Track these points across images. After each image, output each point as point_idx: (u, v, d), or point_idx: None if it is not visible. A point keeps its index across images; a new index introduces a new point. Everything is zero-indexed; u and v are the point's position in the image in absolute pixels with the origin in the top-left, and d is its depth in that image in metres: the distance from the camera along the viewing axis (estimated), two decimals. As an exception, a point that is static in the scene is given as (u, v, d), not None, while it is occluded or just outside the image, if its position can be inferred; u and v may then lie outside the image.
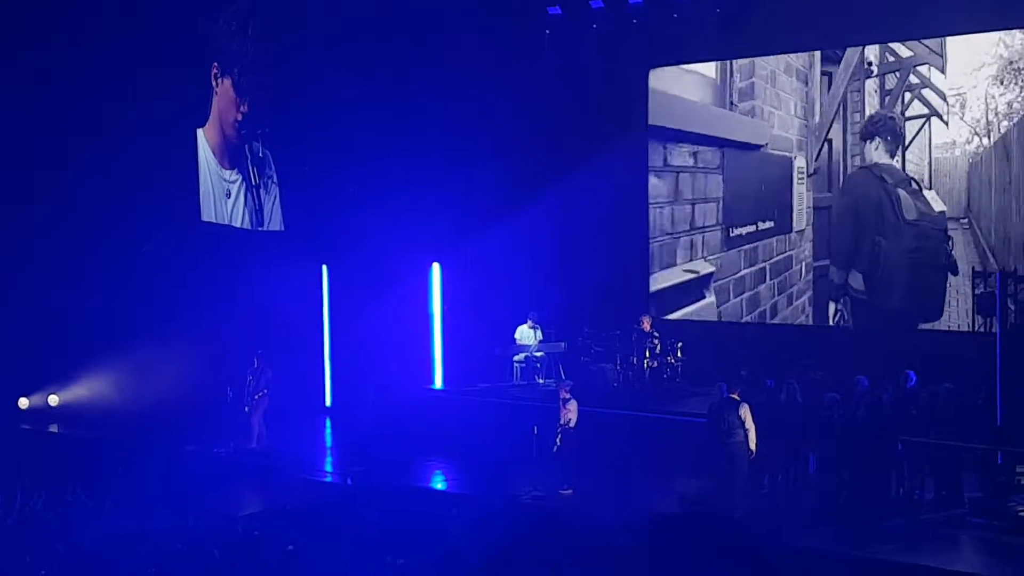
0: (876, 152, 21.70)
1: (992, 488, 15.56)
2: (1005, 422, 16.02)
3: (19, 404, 23.11)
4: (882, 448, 15.85)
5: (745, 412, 15.77)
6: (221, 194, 23.75)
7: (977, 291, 17.70)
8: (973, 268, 19.16)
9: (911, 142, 21.45)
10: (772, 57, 22.66)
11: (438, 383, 23.86)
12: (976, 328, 19.20)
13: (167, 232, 22.68)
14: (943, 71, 20.99)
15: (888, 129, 21.65)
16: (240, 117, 23.85)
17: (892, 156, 21.56)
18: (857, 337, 21.14)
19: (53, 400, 23.34)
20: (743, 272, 23.40)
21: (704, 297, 23.57)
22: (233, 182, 23.90)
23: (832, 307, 22.14)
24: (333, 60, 23.37)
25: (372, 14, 23.23)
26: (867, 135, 21.83)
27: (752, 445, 15.76)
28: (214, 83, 23.50)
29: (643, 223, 23.89)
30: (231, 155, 23.96)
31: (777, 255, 23.04)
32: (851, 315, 21.92)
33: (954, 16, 20.03)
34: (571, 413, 17.38)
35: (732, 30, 22.01)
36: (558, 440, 17.27)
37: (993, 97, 20.54)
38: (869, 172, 21.82)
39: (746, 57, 22.56)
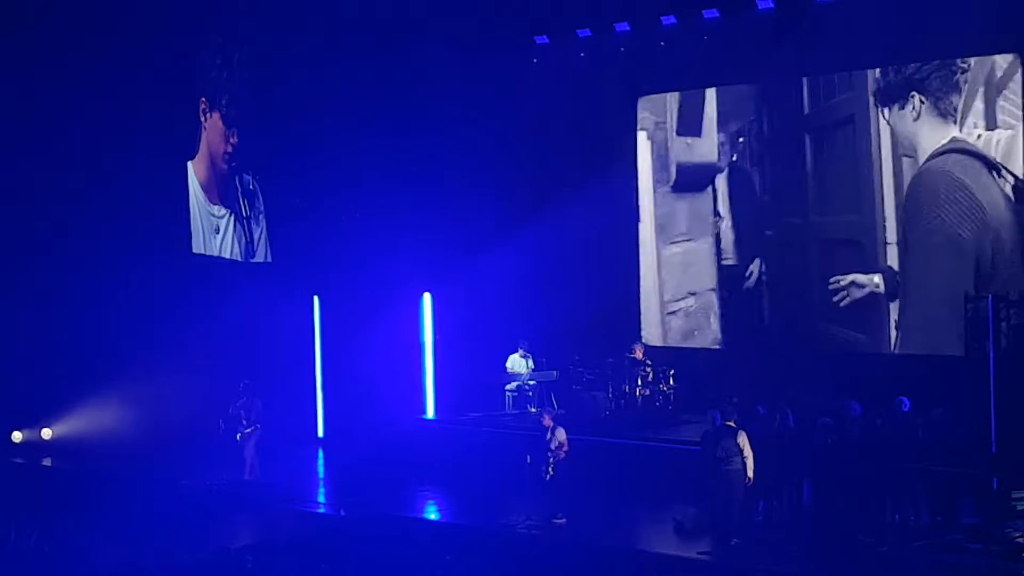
0: (915, 123, 18.26)
1: (988, 514, 15.54)
2: (1000, 448, 16.03)
3: (12, 438, 23.05)
4: (876, 474, 15.83)
5: (743, 440, 15.75)
6: (210, 229, 23.77)
7: (969, 316, 17.67)
8: (966, 292, 19.11)
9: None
10: None
11: (430, 413, 23.81)
12: (969, 353, 19.20)
13: (158, 264, 22.67)
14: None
15: (939, 77, 17.90)
16: (230, 148, 23.88)
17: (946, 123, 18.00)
18: (847, 363, 21.10)
19: (46, 434, 23.27)
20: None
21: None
22: (221, 217, 23.91)
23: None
24: (322, 90, 23.44)
25: (360, 45, 23.30)
26: (891, 93, 18.61)
27: (751, 472, 15.75)
28: (202, 118, 23.55)
29: (633, 251, 23.89)
30: (220, 189, 23.97)
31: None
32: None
33: (941, 40, 19.80)
34: (560, 439, 17.28)
35: (719, 57, 22.07)
36: (550, 469, 17.21)
37: None
38: (969, 158, 17.60)
39: (735, 84, 22.60)
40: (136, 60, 21.83)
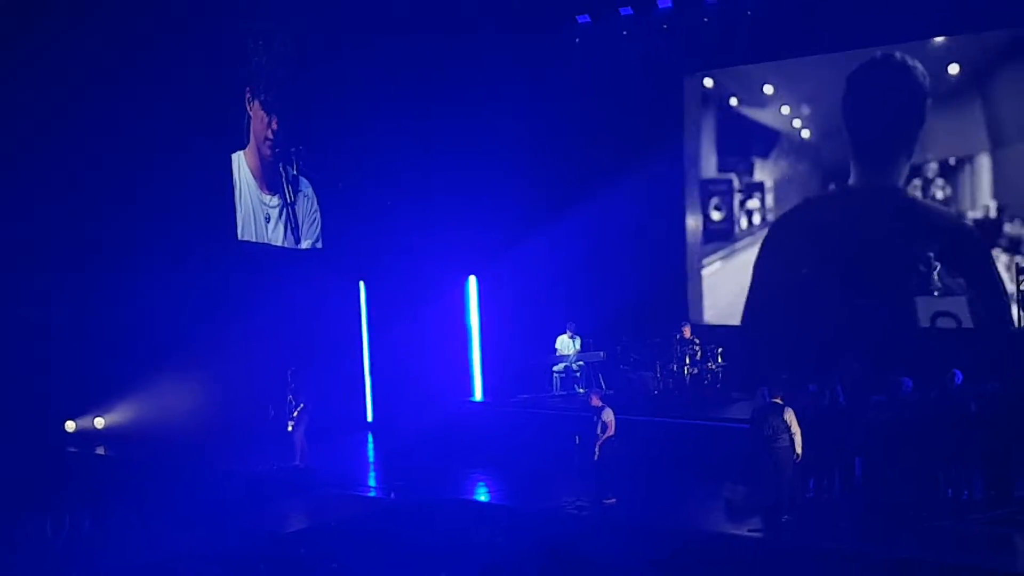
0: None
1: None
2: (1053, 419, 15.83)
3: (66, 427, 23.25)
4: (929, 449, 15.67)
5: (790, 416, 15.64)
6: (261, 217, 23.87)
7: (1021, 287, 17.43)
8: (1017, 264, 18.85)
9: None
10: None
11: (478, 395, 23.84)
12: (1021, 325, 18.95)
13: (207, 251, 22.76)
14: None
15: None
16: (271, 135, 23.92)
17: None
18: (899, 337, 20.86)
19: (99, 423, 23.46)
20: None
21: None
22: (274, 207, 23.99)
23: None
24: (364, 75, 23.45)
25: (402, 28, 23.25)
26: None
27: (798, 449, 15.64)
28: (248, 108, 23.62)
29: (680, 230, 23.76)
30: (269, 177, 24.04)
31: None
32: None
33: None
34: (608, 419, 17.20)
35: (763, 32, 21.86)
36: (596, 450, 17.15)
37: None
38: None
39: (777, 60, 22.38)
40: (183, 52, 21.89)
